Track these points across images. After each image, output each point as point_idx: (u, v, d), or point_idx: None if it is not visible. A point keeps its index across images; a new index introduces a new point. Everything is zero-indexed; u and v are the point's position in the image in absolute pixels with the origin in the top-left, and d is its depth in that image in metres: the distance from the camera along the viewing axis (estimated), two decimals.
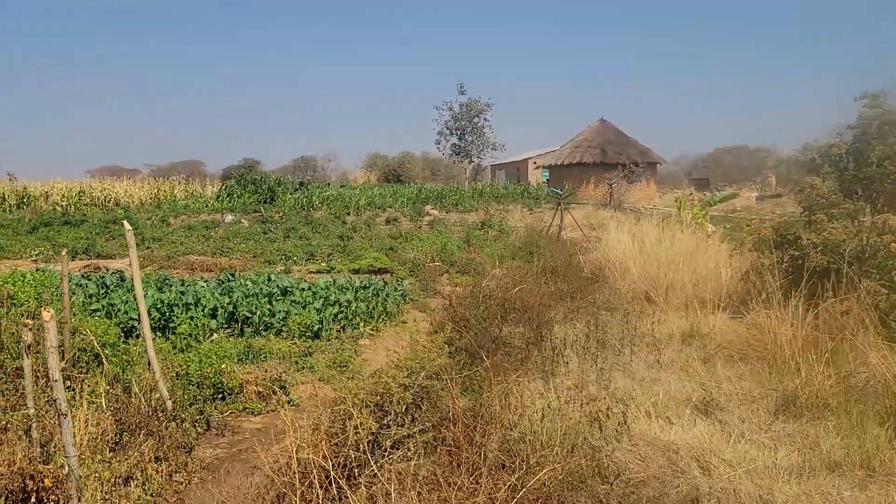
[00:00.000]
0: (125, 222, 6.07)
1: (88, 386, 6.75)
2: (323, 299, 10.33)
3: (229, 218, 29.32)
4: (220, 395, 6.96)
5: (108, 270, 15.90)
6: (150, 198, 42.24)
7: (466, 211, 33.89)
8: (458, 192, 38.46)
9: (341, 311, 10.21)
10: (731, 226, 17.17)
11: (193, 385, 6.90)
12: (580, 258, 16.17)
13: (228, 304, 9.75)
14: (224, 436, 6.06)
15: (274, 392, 7.16)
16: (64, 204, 38.73)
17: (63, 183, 42.26)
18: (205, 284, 11.48)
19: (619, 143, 45.88)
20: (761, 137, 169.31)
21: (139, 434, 5.68)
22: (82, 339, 7.20)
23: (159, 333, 9.60)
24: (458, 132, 52.29)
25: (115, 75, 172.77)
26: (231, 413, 6.71)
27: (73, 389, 6.64)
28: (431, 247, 18.11)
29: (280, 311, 9.79)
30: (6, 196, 38.73)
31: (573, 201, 39.95)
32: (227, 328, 9.70)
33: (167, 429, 5.76)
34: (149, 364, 6.06)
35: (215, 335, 9.46)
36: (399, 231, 25.39)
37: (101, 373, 6.99)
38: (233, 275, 12.68)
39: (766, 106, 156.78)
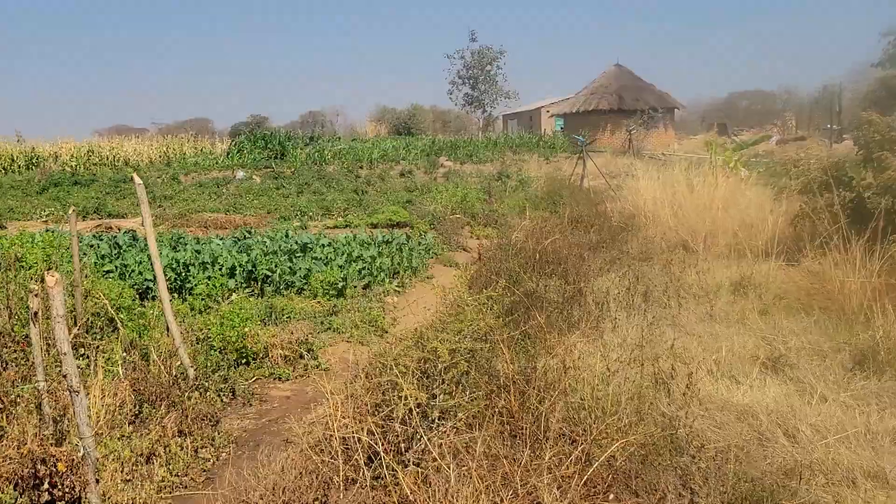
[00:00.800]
0: (135, 176, 5.52)
1: (104, 353, 6.31)
2: (346, 255, 9.80)
3: (240, 174, 28.72)
4: (244, 361, 6.50)
5: (119, 230, 15.45)
6: (160, 156, 41.65)
7: (481, 162, 33.11)
8: (472, 143, 37.61)
9: (365, 268, 9.69)
10: (765, 170, 16.42)
11: (215, 350, 6.44)
12: (607, 207, 15.53)
13: (247, 262, 9.25)
14: (251, 405, 5.60)
15: (301, 356, 6.69)
16: (73, 164, 38.19)
17: (72, 143, 41.66)
18: (220, 242, 10.99)
19: (636, 89, 44.63)
20: (775, 80, 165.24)
21: (160, 405, 5.23)
22: (95, 303, 6.73)
23: (175, 294, 9.14)
24: (471, 81, 50.95)
25: (118, 34, 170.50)
26: (257, 380, 6.25)
27: (88, 357, 6.20)
28: (451, 199, 17.50)
29: (301, 269, 9.28)
30: (15, 157, 38.22)
31: (589, 149, 39.02)
32: (247, 287, 9.23)
33: (190, 399, 5.30)
34: (167, 328, 5.58)
35: (234, 295, 8.99)
36: (414, 184, 24.74)
37: (117, 338, 6.54)
38: (249, 232, 12.17)
39: (778, 48, 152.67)
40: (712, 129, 52.68)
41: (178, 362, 5.59)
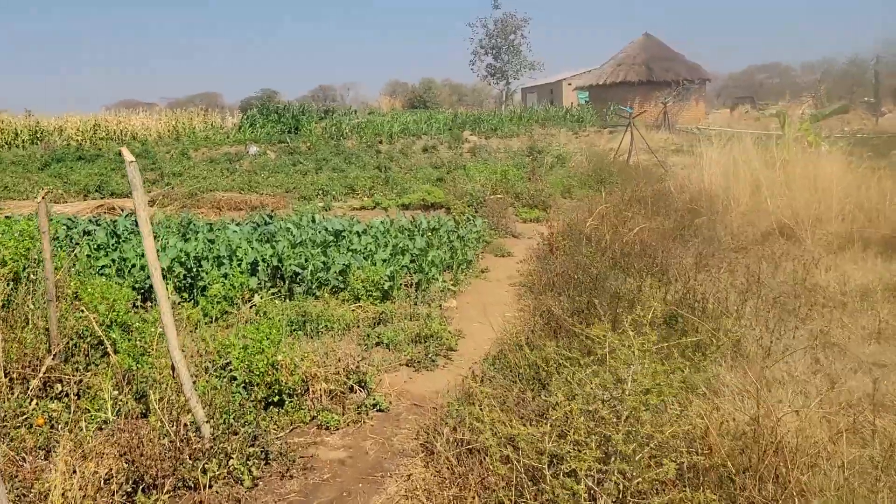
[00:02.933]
0: (124, 150, 3.85)
1: (88, 391, 4.70)
2: (390, 247, 8.13)
3: (254, 149, 27.03)
4: (276, 398, 4.85)
5: (122, 211, 13.87)
6: (168, 130, 39.86)
7: (507, 136, 31.23)
8: (497, 117, 35.66)
9: (413, 262, 8.03)
10: (844, 146, 14.56)
11: (238, 385, 4.80)
12: (669, 186, 13.74)
13: (272, 256, 7.59)
14: (292, 476, 3.96)
15: (351, 389, 5.05)
16: (78, 139, 36.58)
17: (77, 117, 40.00)
18: (237, 229, 9.33)
19: (666, 59, 42.32)
20: (791, 54, 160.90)
21: (162, 485, 3.61)
22: (77, 320, 5.10)
23: (185, 294, 7.53)
24: (494, 51, 48.52)
25: (126, 10, 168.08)
26: (296, 428, 4.61)
27: (68, 395, 4.59)
28: (490, 176, 15.74)
29: (337, 264, 7.62)
30: (19, 131, 36.66)
31: (617, 123, 36.97)
32: (272, 287, 7.59)
33: (206, 473, 3.68)
34: (172, 370, 3.94)
35: (257, 297, 7.37)
36: (440, 160, 23.00)
37: (108, 365, 4.93)
38: (270, 216, 10.49)
39: (795, 21, 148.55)
40: (743, 103, 50.42)
41: (189, 414, 3.95)
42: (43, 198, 4.52)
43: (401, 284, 7.63)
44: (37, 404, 4.41)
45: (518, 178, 16.00)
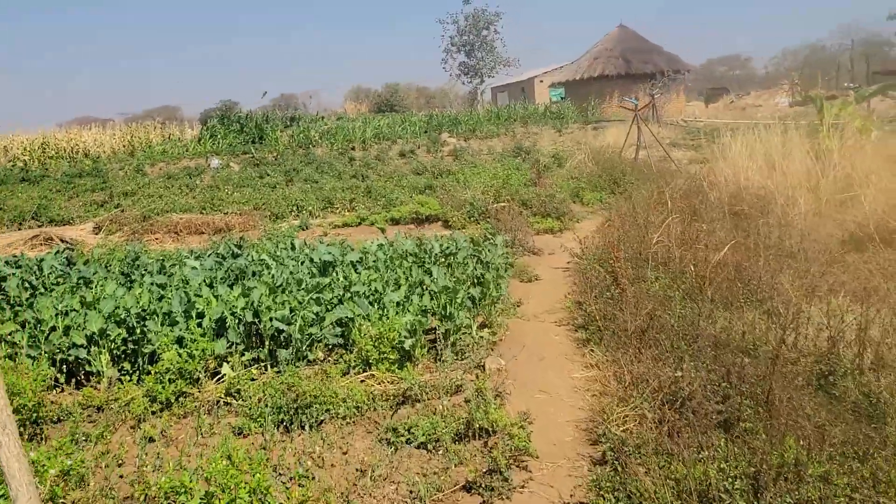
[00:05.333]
0: None
1: None
2: (405, 287, 6.10)
3: (215, 162, 24.72)
4: None
5: (61, 243, 11.66)
6: (124, 146, 37.12)
7: (487, 137, 29.33)
8: (475, 117, 33.69)
9: (433, 300, 6.02)
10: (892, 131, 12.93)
11: None
12: (704, 186, 11.91)
13: (244, 308, 5.52)
14: None
15: None
16: (25, 158, 33.78)
17: (24, 136, 37.15)
18: (197, 266, 7.22)
19: (644, 51, 40.85)
20: (744, 45, 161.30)
21: None
22: None
23: (126, 365, 5.45)
24: (466, 48, 46.41)
25: (81, 25, 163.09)
26: None
27: None
28: (490, 182, 13.79)
29: (333, 314, 5.59)
30: None
31: (601, 118, 35.30)
32: (245, 350, 5.53)
33: None
34: None
35: (226, 367, 5.31)
36: (422, 165, 20.97)
37: None
38: (239, 246, 8.38)
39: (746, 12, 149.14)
40: (719, 94, 49.28)
41: None
42: None
43: (424, 341, 5.64)
44: None
45: (521, 182, 14.07)
